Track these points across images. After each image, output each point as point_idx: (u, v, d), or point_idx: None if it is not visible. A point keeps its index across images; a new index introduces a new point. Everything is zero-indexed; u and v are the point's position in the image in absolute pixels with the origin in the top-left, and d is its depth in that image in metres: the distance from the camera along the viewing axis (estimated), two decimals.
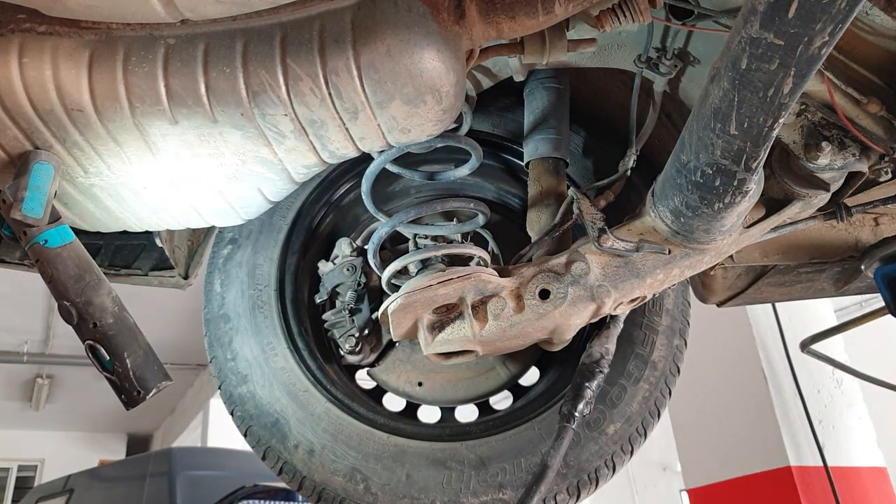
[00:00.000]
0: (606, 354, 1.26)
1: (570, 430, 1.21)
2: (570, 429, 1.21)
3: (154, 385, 0.97)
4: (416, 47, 0.89)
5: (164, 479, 4.55)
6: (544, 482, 1.18)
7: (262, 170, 1.06)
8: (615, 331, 1.29)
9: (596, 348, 1.26)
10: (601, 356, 1.25)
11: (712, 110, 0.85)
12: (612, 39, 1.27)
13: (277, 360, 1.41)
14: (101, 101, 0.92)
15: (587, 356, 1.26)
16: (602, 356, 1.25)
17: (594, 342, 1.28)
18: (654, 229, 1.15)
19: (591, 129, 1.59)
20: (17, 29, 0.90)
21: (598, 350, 1.26)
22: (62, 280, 0.95)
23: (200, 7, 0.89)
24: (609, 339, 1.27)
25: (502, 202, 1.66)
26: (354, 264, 1.48)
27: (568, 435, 1.20)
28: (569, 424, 1.21)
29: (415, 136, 1.01)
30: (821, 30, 0.68)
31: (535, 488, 1.18)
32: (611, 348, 1.27)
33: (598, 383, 1.24)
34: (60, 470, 5.67)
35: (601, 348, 1.26)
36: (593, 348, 1.26)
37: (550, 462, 1.19)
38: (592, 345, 1.27)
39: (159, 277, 1.54)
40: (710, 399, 3.90)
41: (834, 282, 1.70)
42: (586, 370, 1.25)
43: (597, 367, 1.24)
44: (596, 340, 1.27)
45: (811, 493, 3.37)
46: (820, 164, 1.05)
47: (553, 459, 1.19)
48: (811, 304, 3.86)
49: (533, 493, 1.18)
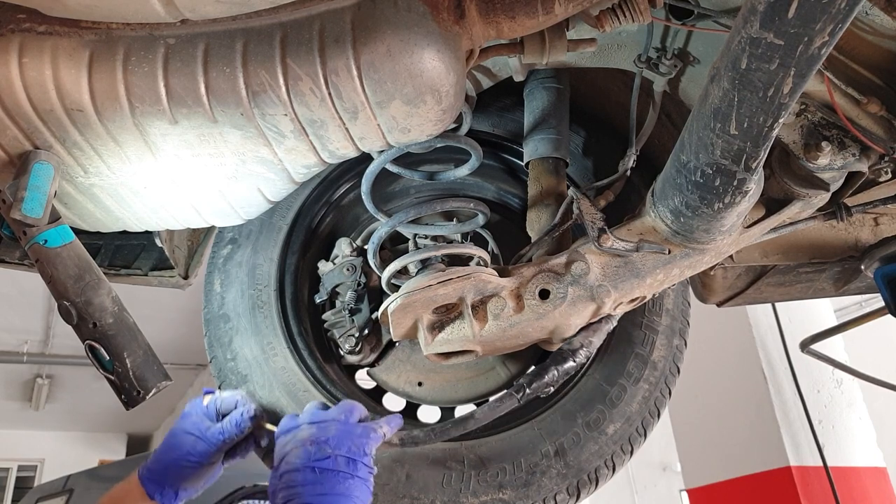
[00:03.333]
0: (587, 346, 1.25)
1: (512, 400, 1.21)
2: (515, 399, 1.21)
3: (154, 385, 0.97)
4: (416, 47, 0.89)
5: None
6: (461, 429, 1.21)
7: (262, 170, 1.06)
8: (606, 326, 1.28)
9: (578, 338, 1.25)
10: (581, 346, 1.24)
11: (712, 110, 0.85)
12: (612, 39, 1.27)
13: (277, 360, 1.41)
14: (101, 101, 0.92)
15: (567, 343, 1.26)
16: (582, 346, 1.24)
17: (580, 332, 1.27)
18: (653, 229, 1.15)
19: (591, 129, 1.59)
20: (17, 29, 0.90)
21: (579, 340, 1.25)
22: (62, 280, 0.95)
23: (200, 7, 0.89)
24: (596, 332, 1.26)
25: (502, 202, 1.66)
26: (354, 264, 1.48)
27: (509, 402, 1.21)
28: (515, 395, 1.21)
29: (415, 135, 1.01)
30: (821, 30, 0.68)
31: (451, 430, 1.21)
32: (595, 341, 1.26)
33: (567, 370, 1.23)
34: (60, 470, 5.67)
35: (584, 339, 1.25)
36: (576, 337, 1.26)
37: (477, 414, 1.21)
38: (577, 334, 1.27)
39: (159, 277, 1.54)
40: (710, 399, 3.90)
41: (834, 282, 1.70)
42: (559, 355, 1.25)
43: (571, 355, 1.23)
44: (583, 331, 1.27)
45: (811, 493, 3.37)
46: (820, 164, 1.05)
47: (481, 414, 1.21)
48: (811, 304, 3.86)
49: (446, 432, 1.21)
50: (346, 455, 1.00)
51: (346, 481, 0.98)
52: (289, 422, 1.14)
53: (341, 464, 0.99)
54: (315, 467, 0.99)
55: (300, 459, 1.02)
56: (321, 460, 0.99)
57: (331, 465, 0.99)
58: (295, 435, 1.07)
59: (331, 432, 1.04)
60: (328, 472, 0.99)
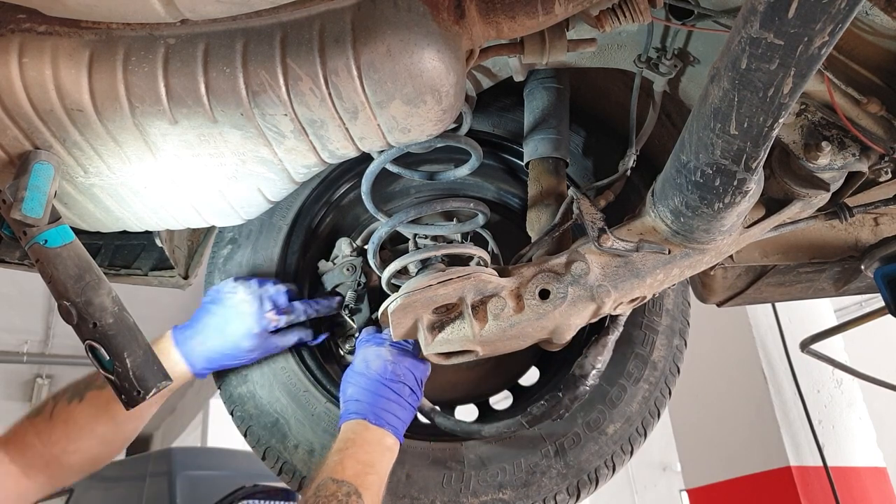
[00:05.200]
0: (598, 365, 1.28)
1: (521, 430, 1.29)
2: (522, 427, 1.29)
3: (154, 385, 0.97)
4: (416, 47, 0.89)
5: (164, 479, 4.54)
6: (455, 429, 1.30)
7: (262, 170, 1.06)
8: (613, 338, 1.29)
9: (589, 360, 1.27)
10: (592, 368, 1.27)
11: (712, 110, 0.85)
12: (612, 39, 1.27)
13: (277, 360, 1.41)
14: (101, 101, 0.92)
15: (578, 367, 1.28)
16: (593, 368, 1.27)
17: (590, 352, 1.28)
18: (654, 229, 1.15)
19: (591, 129, 1.59)
20: (17, 29, 0.90)
21: (590, 362, 1.28)
22: (62, 280, 0.95)
23: (200, 7, 0.89)
24: (605, 349, 1.29)
25: (502, 202, 1.66)
26: (354, 264, 1.48)
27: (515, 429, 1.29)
28: (525, 427, 1.29)
29: (415, 135, 1.01)
30: (821, 30, 0.68)
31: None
32: (605, 359, 1.29)
33: (579, 396, 1.27)
34: None
35: (594, 360, 1.28)
36: (587, 360, 1.28)
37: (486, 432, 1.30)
38: (587, 354, 1.28)
39: (159, 277, 1.54)
40: (710, 399, 3.90)
41: (834, 282, 1.70)
42: (571, 381, 1.28)
43: (583, 381, 1.27)
44: (592, 349, 1.28)
45: (811, 493, 3.37)
46: (820, 164, 1.05)
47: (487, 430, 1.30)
48: (811, 304, 3.86)
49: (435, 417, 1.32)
50: (409, 385, 1.23)
51: (401, 403, 1.21)
52: (373, 335, 1.33)
53: (404, 391, 1.22)
54: (385, 384, 1.21)
55: (378, 372, 1.23)
56: (392, 381, 1.22)
57: (397, 387, 1.22)
58: (379, 348, 1.27)
59: (406, 362, 1.25)
60: (392, 392, 1.21)
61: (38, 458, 1.20)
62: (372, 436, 1.17)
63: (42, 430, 1.22)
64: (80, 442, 1.23)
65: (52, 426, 1.22)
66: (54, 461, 1.22)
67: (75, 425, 1.22)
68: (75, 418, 1.22)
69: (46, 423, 1.22)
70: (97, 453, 1.26)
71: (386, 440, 1.18)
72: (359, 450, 1.14)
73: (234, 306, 1.33)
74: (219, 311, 1.33)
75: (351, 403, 1.21)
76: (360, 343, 1.33)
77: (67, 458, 1.22)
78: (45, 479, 1.21)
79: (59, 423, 1.22)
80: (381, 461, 1.16)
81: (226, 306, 1.34)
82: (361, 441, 1.16)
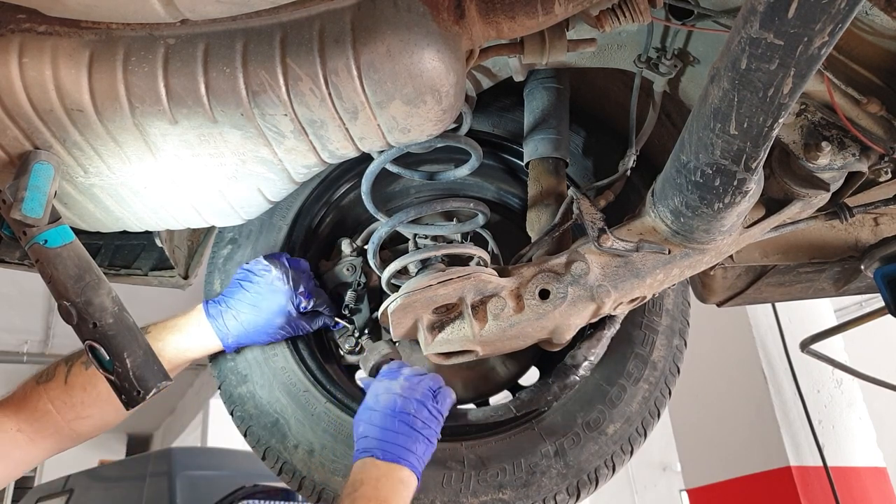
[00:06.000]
0: (590, 358, 1.28)
1: (508, 414, 1.28)
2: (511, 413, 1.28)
3: (154, 385, 0.97)
4: (416, 47, 0.89)
5: (164, 479, 4.55)
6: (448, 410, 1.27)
7: (262, 170, 1.06)
8: (608, 333, 1.29)
9: (581, 351, 1.28)
10: (584, 359, 1.28)
11: (712, 110, 0.85)
12: (611, 39, 1.27)
13: (277, 360, 1.41)
14: (101, 101, 0.92)
15: (571, 357, 1.28)
16: (585, 359, 1.28)
17: (584, 343, 1.29)
18: (653, 229, 1.16)
19: (591, 129, 1.59)
20: (17, 29, 0.90)
21: (582, 353, 1.28)
22: (62, 280, 0.95)
23: (200, 7, 0.89)
24: (599, 342, 1.29)
25: (502, 202, 1.66)
26: (354, 264, 1.48)
27: (504, 414, 1.28)
28: (512, 411, 1.27)
29: (415, 136, 1.01)
30: (821, 30, 0.68)
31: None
32: (599, 352, 1.29)
33: (569, 385, 1.27)
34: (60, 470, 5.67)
35: (587, 352, 1.28)
36: (579, 351, 1.28)
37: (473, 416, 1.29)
38: (581, 346, 1.28)
39: (159, 277, 1.54)
40: (710, 399, 3.90)
41: (834, 282, 1.70)
42: (562, 369, 1.28)
43: (574, 370, 1.27)
44: (586, 342, 1.29)
45: (811, 493, 3.37)
46: (820, 164, 1.05)
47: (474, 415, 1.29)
48: (811, 304, 3.86)
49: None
50: (423, 419, 1.18)
51: (412, 436, 1.16)
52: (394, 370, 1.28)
53: (415, 423, 1.17)
54: (396, 418, 1.16)
55: (386, 406, 1.18)
56: (401, 413, 1.17)
57: (408, 419, 1.16)
58: (391, 382, 1.22)
59: (417, 394, 1.19)
60: (403, 425, 1.16)
61: (50, 425, 1.19)
62: (381, 472, 1.13)
63: (56, 395, 1.20)
64: (95, 408, 1.21)
65: (69, 392, 1.21)
66: (66, 427, 1.21)
67: (94, 390, 1.21)
68: (94, 383, 1.20)
69: (62, 389, 1.21)
70: (110, 419, 1.25)
71: (398, 473, 1.13)
72: (368, 488, 1.10)
73: (270, 283, 1.35)
74: (253, 287, 1.35)
75: (360, 441, 1.18)
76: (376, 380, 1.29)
77: (79, 424, 1.21)
78: (51, 444, 1.21)
79: (76, 388, 1.21)
80: (394, 495, 1.11)
81: (260, 283, 1.35)
82: (370, 479, 1.12)
